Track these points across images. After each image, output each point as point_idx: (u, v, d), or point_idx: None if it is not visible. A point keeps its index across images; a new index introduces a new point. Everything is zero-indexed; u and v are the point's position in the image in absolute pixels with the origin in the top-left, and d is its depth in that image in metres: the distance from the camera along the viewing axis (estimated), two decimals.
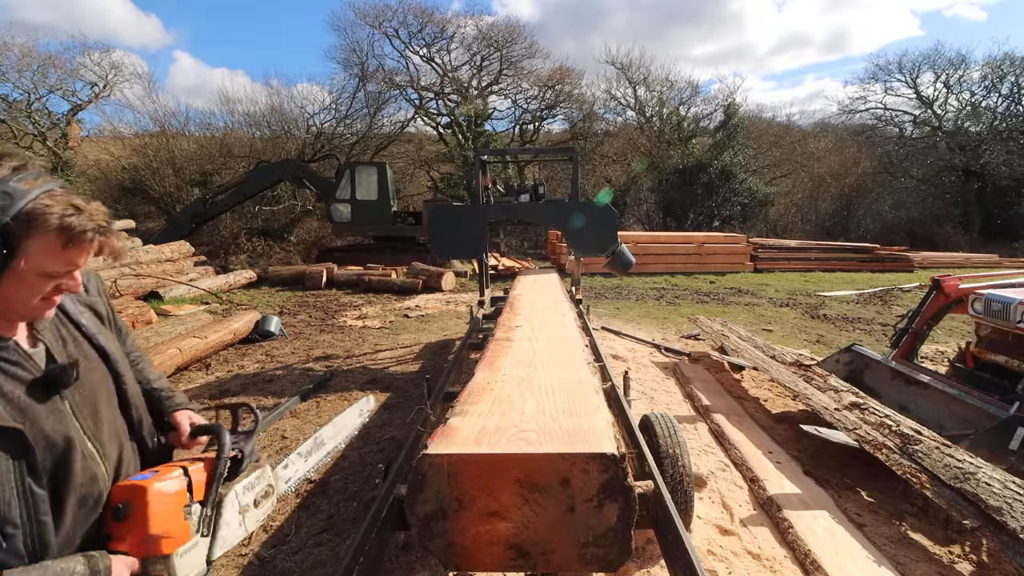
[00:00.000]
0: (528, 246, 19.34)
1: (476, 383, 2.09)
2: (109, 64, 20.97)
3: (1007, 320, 3.63)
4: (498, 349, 2.64)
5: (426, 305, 9.32)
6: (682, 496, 2.31)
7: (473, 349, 4.07)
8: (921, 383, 3.94)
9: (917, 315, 4.39)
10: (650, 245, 14.12)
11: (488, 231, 5.67)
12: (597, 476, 1.38)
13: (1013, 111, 24.25)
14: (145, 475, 1.06)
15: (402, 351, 6.42)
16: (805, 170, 24.20)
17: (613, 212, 5.60)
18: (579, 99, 23.38)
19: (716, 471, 3.38)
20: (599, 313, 8.39)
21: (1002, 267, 15.98)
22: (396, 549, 2.54)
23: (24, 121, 19.64)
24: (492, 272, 10.66)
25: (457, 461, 1.41)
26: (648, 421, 2.56)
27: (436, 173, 22.67)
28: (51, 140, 19.89)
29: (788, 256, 15.23)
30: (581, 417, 1.68)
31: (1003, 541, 2.24)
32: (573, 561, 1.42)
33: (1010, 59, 23.72)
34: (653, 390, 4.88)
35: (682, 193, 20.53)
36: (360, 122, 21.37)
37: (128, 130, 20.41)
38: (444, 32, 22.55)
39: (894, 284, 12.39)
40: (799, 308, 9.46)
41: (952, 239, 21.96)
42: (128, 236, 10.36)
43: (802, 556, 2.52)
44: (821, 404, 3.61)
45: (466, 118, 21.80)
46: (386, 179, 14.09)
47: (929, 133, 25.76)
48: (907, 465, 2.78)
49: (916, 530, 2.84)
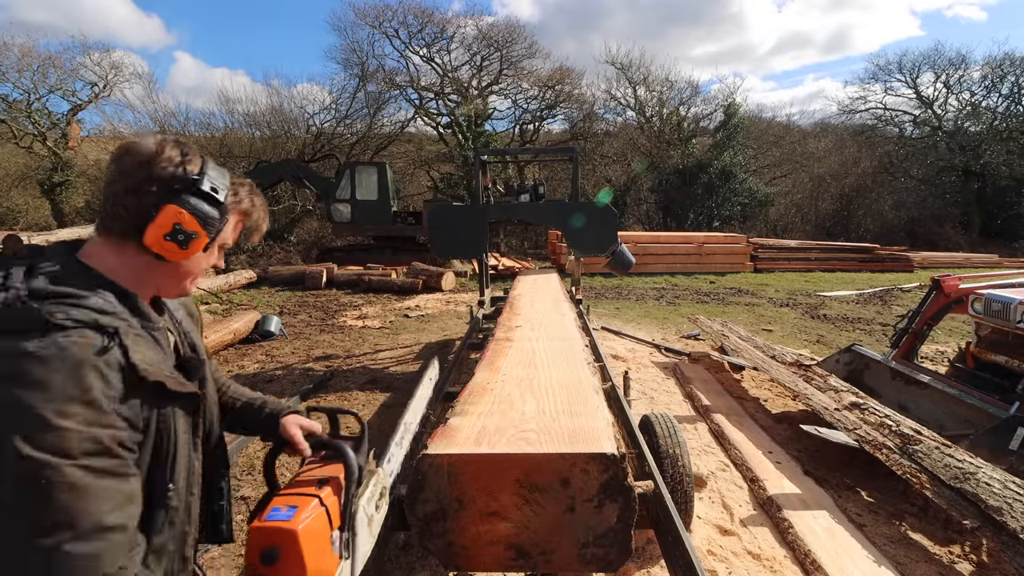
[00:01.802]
0: (528, 246, 19.34)
1: (476, 383, 2.09)
2: (109, 64, 21.01)
3: (1007, 320, 3.63)
4: (498, 349, 2.64)
5: (426, 305, 9.32)
6: (682, 496, 2.31)
7: (473, 349, 4.07)
8: (921, 383, 3.94)
9: (917, 315, 4.39)
10: (650, 245, 14.12)
11: (488, 231, 5.66)
12: (597, 476, 1.38)
13: (1013, 111, 24.26)
14: (283, 513, 0.99)
15: (402, 351, 6.42)
16: (805, 170, 24.20)
17: (613, 212, 5.60)
18: (579, 99, 23.40)
19: (716, 471, 3.38)
20: (599, 313, 8.39)
21: (1002, 267, 15.98)
22: (396, 549, 2.54)
23: (24, 121, 19.64)
24: (492, 272, 10.66)
25: (457, 461, 1.41)
26: (648, 421, 2.56)
27: (436, 173, 22.67)
28: (51, 140, 19.89)
29: (788, 256, 15.23)
30: (581, 417, 1.68)
31: (1003, 541, 2.24)
32: (573, 561, 1.42)
33: (1010, 59, 23.74)
34: (653, 390, 4.88)
35: (682, 193, 20.53)
36: (360, 122, 21.39)
37: (128, 130, 20.39)
38: (444, 32, 22.58)
39: (894, 284, 12.39)
40: (799, 308, 9.46)
41: (952, 239, 21.95)
42: None
43: (802, 556, 2.52)
44: (821, 404, 3.61)
45: (466, 118, 21.80)
46: (386, 179, 14.08)
47: (929, 133, 25.76)
48: (907, 465, 2.78)
49: (916, 530, 2.84)
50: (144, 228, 0.90)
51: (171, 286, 1.00)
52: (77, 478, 0.73)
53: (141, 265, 0.93)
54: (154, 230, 0.90)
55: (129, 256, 0.92)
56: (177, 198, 0.91)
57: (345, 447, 1.17)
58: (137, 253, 0.92)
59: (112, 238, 0.92)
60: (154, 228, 0.90)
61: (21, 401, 0.72)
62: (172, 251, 0.92)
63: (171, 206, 0.91)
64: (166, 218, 0.90)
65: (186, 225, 0.92)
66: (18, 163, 19.97)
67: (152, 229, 0.90)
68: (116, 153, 0.93)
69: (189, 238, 0.93)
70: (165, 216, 0.90)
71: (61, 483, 0.72)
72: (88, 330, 0.80)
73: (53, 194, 19.43)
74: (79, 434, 0.74)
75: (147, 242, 0.91)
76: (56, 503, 0.71)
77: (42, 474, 0.71)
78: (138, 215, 0.90)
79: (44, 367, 0.74)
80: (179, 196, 0.92)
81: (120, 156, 0.92)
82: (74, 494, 0.72)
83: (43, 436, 0.72)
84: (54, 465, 0.71)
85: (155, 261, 0.93)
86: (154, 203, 0.90)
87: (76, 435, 0.74)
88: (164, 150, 0.92)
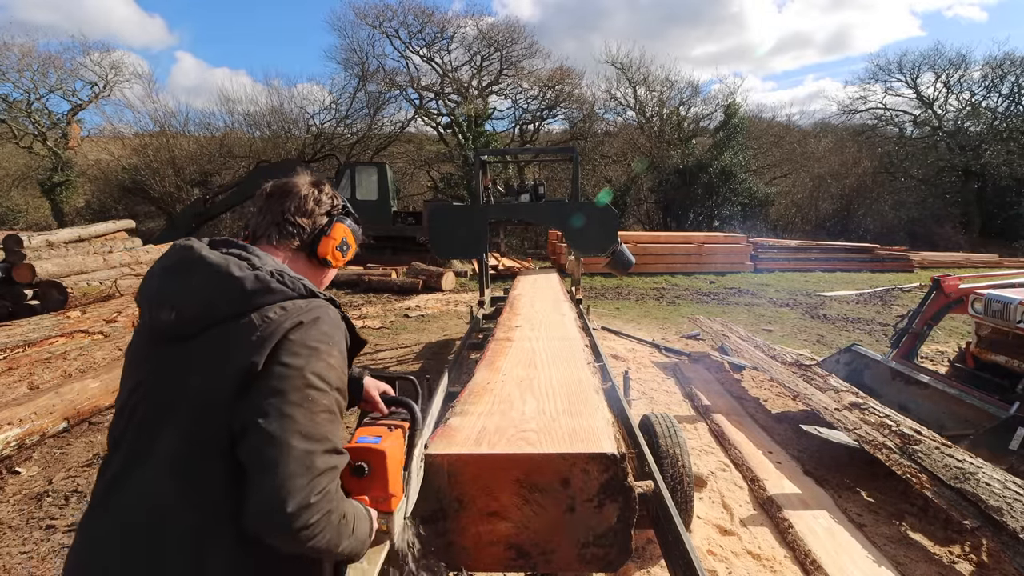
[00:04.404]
0: (528, 246, 19.33)
1: (476, 383, 2.09)
2: (109, 64, 21.06)
3: (1007, 320, 3.63)
4: (498, 349, 2.64)
5: (426, 305, 9.32)
6: (682, 496, 2.31)
7: (473, 349, 4.07)
8: (921, 383, 3.94)
9: (917, 315, 4.39)
10: (650, 245, 14.11)
11: (488, 231, 5.66)
12: (597, 476, 1.38)
13: (1013, 111, 24.25)
14: (370, 438, 1.17)
15: (402, 351, 6.42)
16: (805, 170, 24.18)
17: (613, 212, 5.60)
18: (579, 99, 23.41)
19: (716, 471, 3.38)
20: (599, 313, 8.39)
21: (1002, 267, 15.98)
22: None
23: (24, 121, 19.66)
24: (492, 272, 10.65)
25: (457, 461, 1.41)
26: (648, 421, 2.56)
27: (436, 173, 22.67)
28: (51, 140, 19.92)
29: (788, 256, 15.22)
30: (581, 417, 1.68)
31: (1003, 541, 2.24)
32: (573, 561, 1.42)
33: (1010, 59, 23.71)
34: (653, 390, 4.88)
35: (682, 193, 20.52)
36: (360, 122, 21.41)
37: (128, 130, 20.45)
38: (444, 32, 22.59)
39: (894, 284, 12.39)
40: (799, 308, 9.46)
41: (952, 239, 21.94)
42: (128, 236, 10.35)
43: (802, 556, 2.52)
44: (821, 404, 3.61)
45: (466, 118, 21.80)
46: (386, 179, 14.09)
47: (929, 133, 25.75)
48: (907, 465, 2.78)
49: (916, 530, 2.84)
50: (318, 242, 1.19)
51: (319, 285, 1.21)
52: (332, 405, 0.97)
53: (307, 270, 1.19)
54: (328, 242, 1.20)
55: (301, 264, 1.19)
56: (342, 219, 1.24)
57: (413, 404, 1.34)
58: (307, 261, 1.20)
59: (282, 250, 1.17)
60: (329, 241, 1.20)
61: (308, 337, 0.97)
62: (338, 259, 1.23)
63: (340, 224, 1.23)
64: (338, 233, 1.22)
65: (348, 239, 1.24)
66: (18, 163, 19.98)
67: (326, 241, 1.20)
68: (279, 188, 1.21)
69: (348, 249, 1.25)
70: (337, 231, 1.22)
71: (324, 403, 0.95)
72: (328, 302, 1.07)
73: (53, 194, 19.45)
74: (337, 371, 1.00)
75: (321, 252, 1.20)
76: (318, 418, 0.93)
77: (311, 392, 0.94)
78: (313, 231, 1.19)
79: (325, 322, 1.02)
80: (341, 217, 1.24)
81: (287, 190, 1.20)
82: (330, 416, 0.96)
83: (319, 364, 0.96)
84: (321, 388, 0.95)
85: (319, 267, 1.22)
86: (327, 223, 1.21)
87: (336, 372, 1.00)
88: (324, 186, 1.26)
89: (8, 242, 7.20)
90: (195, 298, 0.98)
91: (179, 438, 0.92)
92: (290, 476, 0.87)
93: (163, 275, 1.03)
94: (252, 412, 0.90)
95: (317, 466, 0.90)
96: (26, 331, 5.58)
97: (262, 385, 0.92)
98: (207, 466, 0.91)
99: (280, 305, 0.98)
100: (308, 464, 0.89)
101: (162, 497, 0.91)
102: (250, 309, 0.97)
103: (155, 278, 1.04)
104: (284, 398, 0.91)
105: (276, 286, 1.00)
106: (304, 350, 0.95)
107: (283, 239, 1.17)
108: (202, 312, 0.97)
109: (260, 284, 0.98)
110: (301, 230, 1.18)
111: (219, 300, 0.97)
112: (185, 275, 1.00)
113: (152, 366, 1.01)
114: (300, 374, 0.93)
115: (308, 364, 0.95)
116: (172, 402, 0.95)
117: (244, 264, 1.01)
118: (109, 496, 0.96)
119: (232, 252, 1.04)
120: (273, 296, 0.99)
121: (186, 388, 0.94)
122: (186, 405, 0.93)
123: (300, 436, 0.90)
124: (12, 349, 5.23)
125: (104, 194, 19.80)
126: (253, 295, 0.98)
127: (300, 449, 0.89)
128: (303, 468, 0.88)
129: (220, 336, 0.96)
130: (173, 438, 0.93)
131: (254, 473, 0.89)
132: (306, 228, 1.18)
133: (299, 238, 1.18)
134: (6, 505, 3.11)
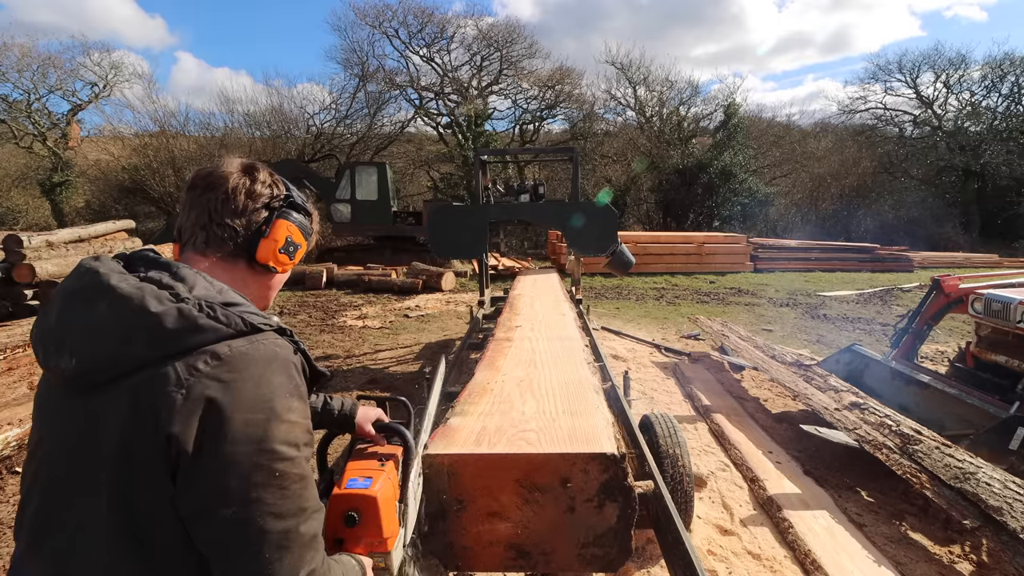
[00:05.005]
0: (528, 246, 19.33)
1: (476, 383, 2.09)
2: (109, 64, 21.04)
3: (1007, 320, 3.63)
4: (498, 349, 2.64)
5: (426, 305, 9.32)
6: (682, 496, 2.31)
7: (473, 349, 4.07)
8: (921, 383, 3.94)
9: (917, 315, 4.39)
10: (650, 245, 14.11)
11: (488, 231, 5.66)
12: (597, 476, 1.38)
13: (1013, 111, 24.25)
14: (360, 482, 1.11)
15: (402, 351, 6.42)
16: (805, 170, 24.16)
17: (613, 212, 5.60)
18: (579, 99, 23.40)
19: (716, 471, 3.38)
20: (599, 313, 8.39)
21: (1002, 267, 15.97)
22: None
23: (24, 121, 19.66)
24: (492, 272, 10.66)
25: (457, 461, 1.41)
26: (648, 421, 2.56)
27: (436, 173, 22.66)
28: (51, 140, 19.91)
29: (788, 256, 15.22)
30: (581, 417, 1.68)
31: (1003, 541, 2.24)
32: (573, 561, 1.42)
33: (1010, 59, 23.72)
34: (653, 390, 4.88)
35: (682, 193, 20.52)
36: (360, 122, 21.38)
37: (128, 130, 20.41)
38: (444, 32, 22.57)
39: (894, 284, 12.38)
40: (799, 308, 9.46)
41: (952, 239, 21.93)
42: (128, 236, 10.35)
43: (802, 556, 2.52)
44: (821, 404, 3.61)
45: (466, 118, 21.79)
46: (386, 179, 14.08)
47: (929, 133, 25.75)
48: (907, 465, 2.78)
49: (916, 530, 2.84)
50: (256, 245, 0.96)
51: (264, 298, 1.05)
52: (304, 468, 0.82)
53: (248, 280, 0.99)
54: (269, 245, 0.97)
55: (239, 272, 0.97)
56: (283, 214, 0.99)
57: (406, 431, 1.31)
58: (246, 269, 0.98)
59: (217, 258, 0.95)
60: (269, 243, 0.97)
61: (255, 398, 0.79)
62: (284, 263, 1.00)
63: (283, 221, 0.99)
64: (279, 233, 0.98)
65: (294, 237, 1.00)
66: (18, 163, 19.97)
67: (266, 244, 0.97)
68: (202, 179, 0.96)
69: (296, 248, 1.01)
70: (278, 231, 0.98)
71: (294, 473, 0.80)
72: (275, 333, 0.88)
73: (53, 194, 19.44)
74: (302, 427, 0.84)
75: (261, 257, 0.97)
76: (290, 491, 0.79)
77: (279, 465, 0.78)
78: (249, 232, 0.96)
79: (275, 366, 0.83)
80: (283, 212, 1.00)
81: (211, 182, 0.95)
82: (303, 483, 0.81)
83: (279, 428, 0.80)
84: (289, 456, 0.80)
85: (262, 274, 1.00)
86: (266, 220, 0.97)
87: (301, 428, 0.83)
88: (257, 172, 0.99)
89: (8, 242, 7.20)
90: (99, 341, 0.78)
91: (104, 513, 0.76)
92: (269, 563, 0.75)
93: (64, 305, 0.83)
94: (205, 499, 0.75)
95: (300, 542, 0.79)
96: (26, 331, 5.58)
97: (209, 466, 0.75)
98: (145, 551, 0.77)
99: (212, 352, 0.79)
100: (288, 543, 0.77)
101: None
102: (173, 355, 0.77)
103: (53, 309, 0.84)
104: (246, 481, 0.75)
105: (205, 322, 0.79)
106: (256, 416, 0.78)
107: (212, 245, 0.94)
108: (108, 361, 0.78)
109: (184, 322, 0.78)
110: (233, 232, 0.94)
111: (130, 343, 0.77)
112: (87, 308, 0.80)
113: (52, 422, 0.84)
114: (258, 449, 0.76)
115: (267, 433, 0.78)
116: (81, 473, 0.78)
117: (165, 294, 0.80)
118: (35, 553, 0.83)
119: (151, 277, 0.83)
120: (202, 336, 0.79)
121: (99, 456, 0.77)
122: (105, 477, 0.76)
123: (274, 517, 0.76)
124: (12, 349, 5.24)
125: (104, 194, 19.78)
126: (175, 336, 0.78)
127: (277, 531, 0.76)
128: (283, 551, 0.77)
129: (135, 390, 0.76)
130: (92, 513, 0.77)
131: (219, 562, 0.77)
132: (239, 229, 0.95)
133: (232, 242, 0.95)
134: (6, 505, 3.11)
